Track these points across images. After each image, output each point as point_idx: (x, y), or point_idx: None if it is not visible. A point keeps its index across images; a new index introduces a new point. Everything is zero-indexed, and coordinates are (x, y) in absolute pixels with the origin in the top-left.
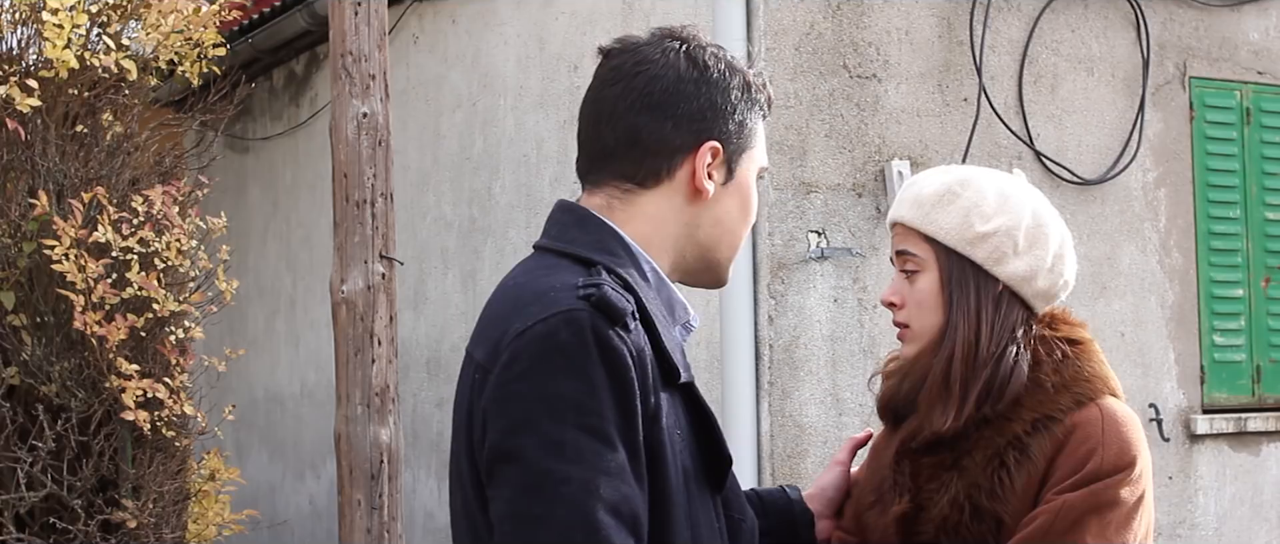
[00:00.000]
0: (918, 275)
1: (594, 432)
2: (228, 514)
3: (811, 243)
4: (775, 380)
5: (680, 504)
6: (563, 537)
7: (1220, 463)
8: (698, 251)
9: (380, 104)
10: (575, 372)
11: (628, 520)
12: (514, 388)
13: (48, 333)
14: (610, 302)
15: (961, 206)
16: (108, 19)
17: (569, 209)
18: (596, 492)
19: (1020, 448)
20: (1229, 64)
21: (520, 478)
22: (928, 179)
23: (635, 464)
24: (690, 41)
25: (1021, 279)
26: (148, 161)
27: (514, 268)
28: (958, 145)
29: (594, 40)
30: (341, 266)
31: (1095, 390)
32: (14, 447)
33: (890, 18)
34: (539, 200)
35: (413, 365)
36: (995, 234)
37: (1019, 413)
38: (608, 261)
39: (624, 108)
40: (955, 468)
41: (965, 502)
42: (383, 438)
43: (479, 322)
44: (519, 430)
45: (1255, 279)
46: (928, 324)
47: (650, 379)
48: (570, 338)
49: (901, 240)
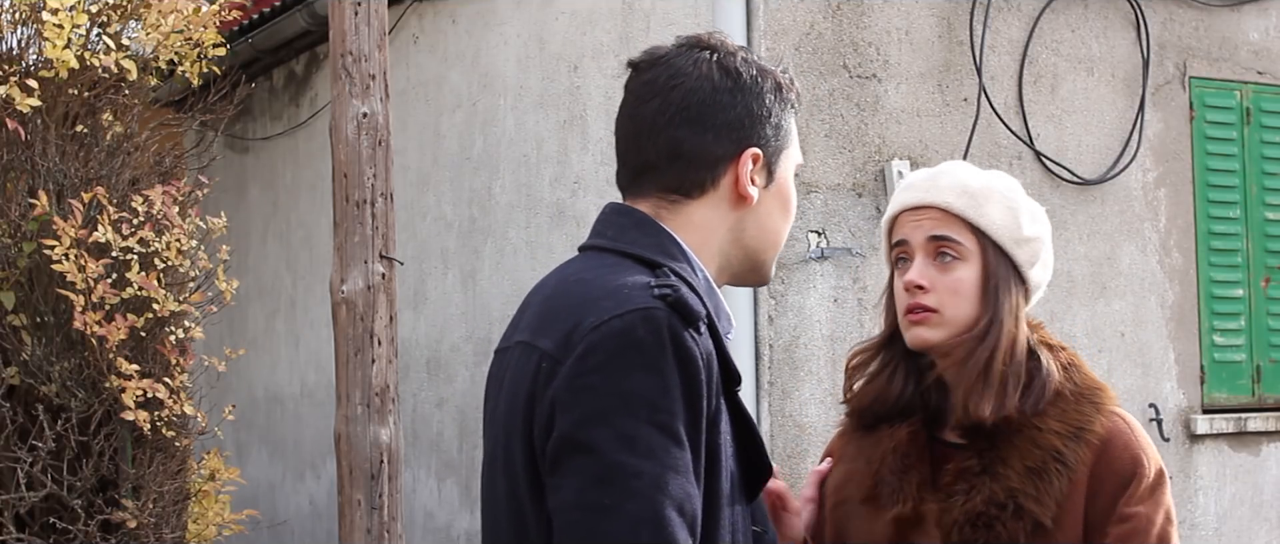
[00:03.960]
0: (957, 263)
1: (665, 429)
2: (228, 514)
3: (811, 243)
4: (775, 380)
5: (725, 509)
6: (631, 530)
7: (1220, 463)
8: (743, 255)
9: (380, 104)
10: (651, 368)
11: (689, 519)
12: (589, 380)
13: (48, 333)
14: (687, 303)
15: (1008, 205)
16: (108, 19)
17: (625, 212)
18: (665, 488)
19: (1059, 458)
20: (1229, 64)
21: (592, 469)
22: (966, 172)
23: (697, 465)
24: (719, 50)
25: (1035, 287)
26: (148, 161)
27: (569, 264)
28: (958, 145)
29: (594, 40)
30: (341, 266)
31: (1106, 397)
32: (14, 447)
33: (890, 18)
34: (539, 200)
35: (413, 365)
36: (1034, 240)
37: (1047, 421)
38: (670, 265)
39: (663, 122)
40: (986, 473)
41: (1009, 501)
42: (383, 438)
43: (536, 313)
44: (592, 422)
45: (1255, 279)
46: (961, 314)
47: (715, 383)
48: (647, 335)
49: (939, 226)
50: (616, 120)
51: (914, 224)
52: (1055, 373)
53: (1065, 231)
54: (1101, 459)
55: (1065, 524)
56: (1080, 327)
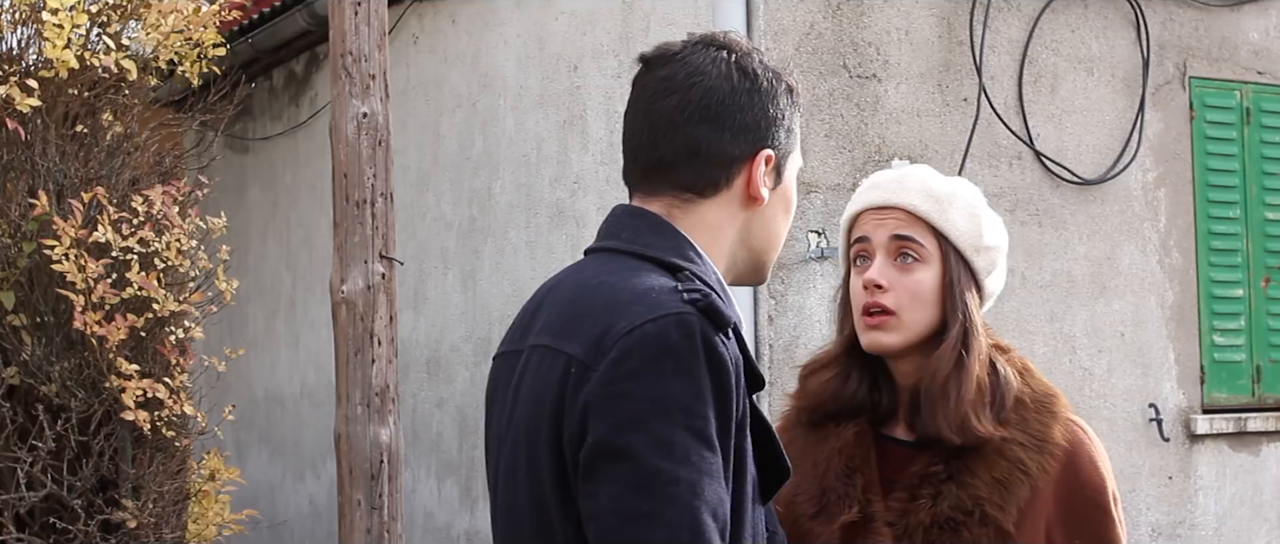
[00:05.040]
0: (917, 265)
1: (700, 434)
2: (228, 514)
3: (811, 243)
4: (775, 380)
5: (749, 512)
6: (671, 536)
7: (1220, 463)
8: (748, 255)
9: (380, 104)
10: (685, 373)
11: (721, 524)
12: (624, 386)
13: (48, 333)
14: (718, 308)
15: (970, 212)
16: (108, 19)
17: (638, 214)
18: (702, 494)
19: (1024, 470)
20: (1229, 64)
21: (629, 475)
22: (932, 176)
23: (727, 470)
24: (736, 50)
25: (989, 295)
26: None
27: (583, 268)
28: (958, 145)
29: (594, 40)
30: (341, 267)
31: (1061, 405)
32: (14, 447)
33: (890, 18)
34: (539, 200)
35: (413, 365)
36: (992, 249)
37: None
38: (691, 269)
39: (682, 119)
40: (953, 480)
41: (975, 508)
42: (383, 438)
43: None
44: (628, 428)
45: (1255, 279)
46: (920, 318)
47: (742, 388)
48: (681, 340)
49: (903, 226)
50: (626, 115)
51: (877, 223)
52: (1014, 380)
53: (1065, 232)
54: (1068, 472)
55: (1025, 530)
56: (1080, 327)
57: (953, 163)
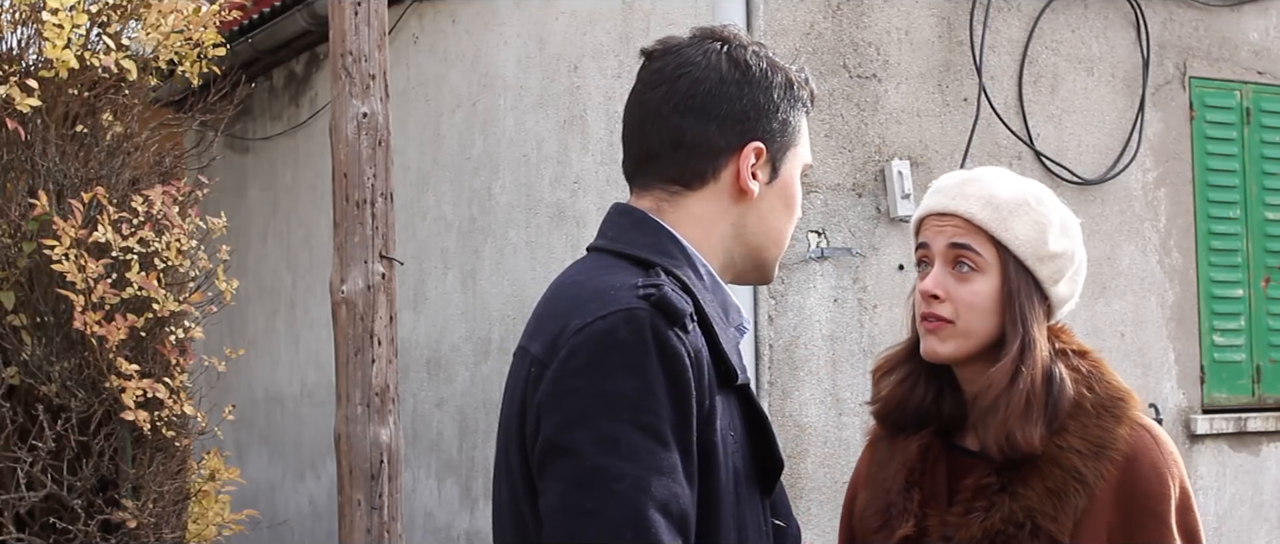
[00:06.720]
0: (975, 275)
1: (648, 430)
2: (228, 514)
3: (811, 243)
4: (775, 380)
5: (728, 506)
6: (613, 533)
7: (1220, 463)
8: (745, 251)
9: (380, 104)
10: (632, 369)
11: (676, 519)
12: (570, 383)
13: (48, 333)
14: (670, 302)
15: (1036, 220)
16: (108, 19)
17: (626, 212)
18: (648, 490)
19: (1079, 478)
20: (1229, 64)
21: (573, 473)
22: (998, 181)
23: (687, 464)
24: (731, 42)
25: (1059, 302)
26: (148, 161)
27: (569, 267)
28: (958, 145)
29: (594, 40)
30: (341, 266)
31: (1130, 406)
32: (14, 447)
33: (890, 18)
34: (539, 200)
35: (412, 365)
36: (1059, 257)
37: (1068, 439)
38: (666, 263)
39: (667, 110)
40: (1006, 491)
41: (1026, 519)
42: (383, 438)
43: (534, 318)
44: (573, 425)
45: (1255, 279)
46: (978, 327)
47: (707, 381)
48: (629, 336)
49: (960, 234)
50: (625, 108)
51: (937, 229)
52: (1068, 387)
53: None
54: (1127, 477)
55: (1083, 538)
56: (1080, 327)
57: (952, 163)
